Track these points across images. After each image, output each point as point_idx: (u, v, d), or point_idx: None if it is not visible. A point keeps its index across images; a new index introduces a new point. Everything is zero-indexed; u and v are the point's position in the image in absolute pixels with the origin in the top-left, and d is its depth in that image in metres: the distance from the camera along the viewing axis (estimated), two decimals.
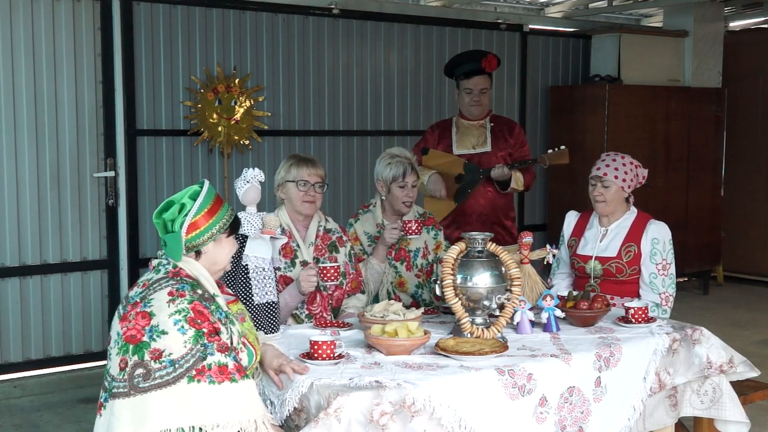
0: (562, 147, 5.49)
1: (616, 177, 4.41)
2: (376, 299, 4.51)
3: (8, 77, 6.12)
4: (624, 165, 4.45)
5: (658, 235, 4.42)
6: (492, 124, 5.68)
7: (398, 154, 4.62)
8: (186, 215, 2.92)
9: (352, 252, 4.39)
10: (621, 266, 4.40)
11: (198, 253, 2.97)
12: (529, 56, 8.71)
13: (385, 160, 4.61)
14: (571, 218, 4.69)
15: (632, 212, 4.51)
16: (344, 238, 4.38)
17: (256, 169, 3.75)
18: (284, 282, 4.09)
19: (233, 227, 3.07)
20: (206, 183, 3.01)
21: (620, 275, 4.41)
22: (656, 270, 4.38)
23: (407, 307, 3.83)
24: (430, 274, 4.65)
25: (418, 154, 5.54)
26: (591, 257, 4.47)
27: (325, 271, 4.02)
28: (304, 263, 4.12)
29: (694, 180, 9.15)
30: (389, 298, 4.51)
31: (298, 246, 4.18)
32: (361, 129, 7.74)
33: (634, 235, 4.43)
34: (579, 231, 4.61)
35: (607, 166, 4.45)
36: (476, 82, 5.57)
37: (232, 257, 3.13)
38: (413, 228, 4.46)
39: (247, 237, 3.64)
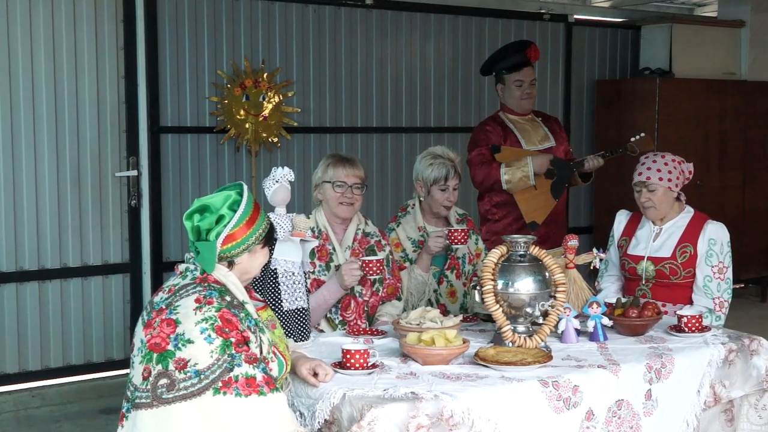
0: (643, 134, 5.48)
1: (660, 179, 4.36)
2: None
3: (27, 72, 6.18)
4: (666, 164, 4.39)
5: (715, 236, 4.37)
6: (540, 119, 5.69)
7: (441, 154, 4.58)
8: (224, 226, 2.92)
9: (391, 257, 4.38)
10: (675, 268, 4.36)
11: (231, 263, 2.98)
12: (575, 48, 8.66)
13: (426, 159, 4.57)
14: (622, 217, 4.66)
15: (688, 212, 4.47)
16: (383, 242, 4.37)
17: (286, 168, 3.76)
18: (317, 286, 4.10)
19: (269, 238, 3.08)
20: (245, 190, 2.99)
21: (674, 277, 4.37)
22: (711, 273, 4.33)
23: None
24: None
25: (487, 153, 5.47)
26: (643, 258, 4.43)
27: (368, 265, 4.02)
28: (339, 268, 4.12)
29: (751, 179, 9.05)
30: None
31: (333, 249, 4.18)
32: (395, 126, 7.73)
33: (691, 235, 4.39)
34: (630, 230, 4.57)
35: (648, 169, 4.39)
36: (527, 73, 5.60)
37: None
38: (459, 238, 4.43)
39: (276, 240, 3.65)
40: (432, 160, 4.55)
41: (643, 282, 4.44)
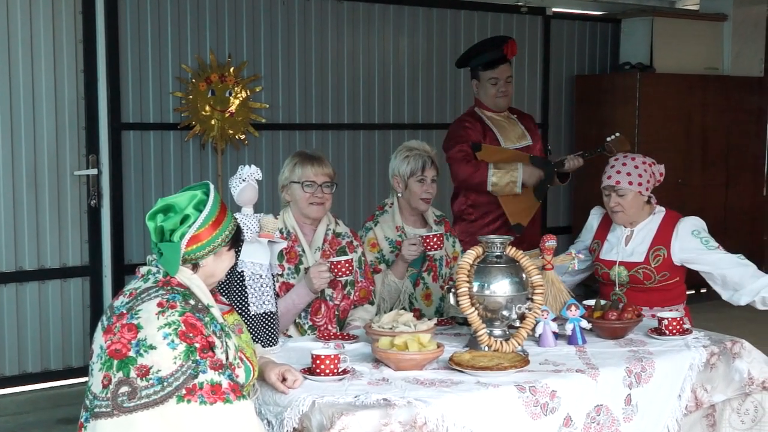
0: (618, 134, 5.53)
1: (630, 183, 4.34)
2: None
3: None
4: (636, 167, 4.37)
5: (696, 226, 4.42)
6: (516, 116, 5.72)
7: (416, 147, 4.62)
8: (189, 227, 2.91)
9: (363, 259, 4.38)
10: (649, 272, 4.38)
11: (195, 266, 2.97)
12: (553, 42, 8.70)
13: (402, 153, 4.60)
14: (596, 215, 4.69)
15: (659, 211, 4.47)
16: (355, 243, 4.36)
17: (253, 167, 3.76)
18: (287, 289, 4.09)
19: (235, 239, 3.08)
20: (212, 190, 2.99)
21: (648, 282, 4.39)
22: (723, 254, 4.42)
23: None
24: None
25: (468, 150, 5.46)
26: (615, 263, 4.45)
27: (337, 266, 4.02)
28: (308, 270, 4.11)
29: (734, 178, 9.13)
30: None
31: (303, 251, 4.17)
32: (367, 122, 7.74)
33: (663, 237, 4.40)
34: (603, 232, 4.58)
35: (618, 172, 4.37)
36: (502, 71, 5.60)
37: None
38: (434, 244, 4.44)
39: (242, 241, 3.64)
40: (407, 152, 4.58)
41: (617, 288, 4.46)
